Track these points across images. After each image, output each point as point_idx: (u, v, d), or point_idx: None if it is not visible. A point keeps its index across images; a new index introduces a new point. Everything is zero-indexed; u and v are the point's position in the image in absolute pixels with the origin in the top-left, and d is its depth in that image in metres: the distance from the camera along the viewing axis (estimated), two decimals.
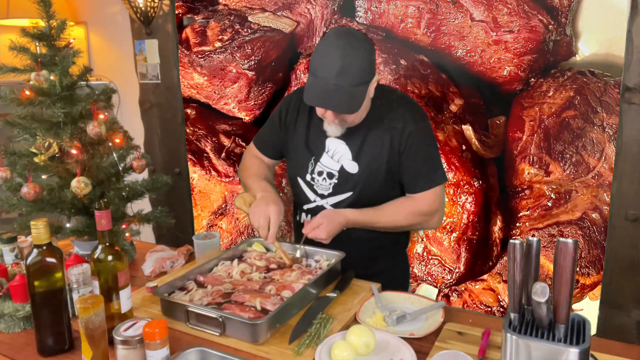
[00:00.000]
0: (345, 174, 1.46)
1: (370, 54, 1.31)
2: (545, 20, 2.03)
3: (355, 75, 1.26)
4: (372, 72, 1.32)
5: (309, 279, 1.29)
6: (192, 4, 2.85)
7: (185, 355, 1.01)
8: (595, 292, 2.10)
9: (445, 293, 2.42)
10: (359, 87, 1.28)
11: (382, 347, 1.05)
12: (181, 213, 3.07)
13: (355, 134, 1.45)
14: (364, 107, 1.39)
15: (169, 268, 1.53)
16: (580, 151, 2.05)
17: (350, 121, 1.40)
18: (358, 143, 1.45)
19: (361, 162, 1.45)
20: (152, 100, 3.12)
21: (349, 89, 1.26)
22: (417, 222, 1.49)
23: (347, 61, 1.24)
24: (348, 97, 1.27)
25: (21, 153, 1.58)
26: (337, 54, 1.24)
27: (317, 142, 1.50)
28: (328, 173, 1.48)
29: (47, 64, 1.59)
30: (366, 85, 1.31)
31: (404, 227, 1.51)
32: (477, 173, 2.26)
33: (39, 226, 1.07)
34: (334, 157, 1.48)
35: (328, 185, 1.49)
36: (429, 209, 1.47)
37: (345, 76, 1.24)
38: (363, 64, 1.27)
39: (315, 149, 1.50)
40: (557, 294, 0.84)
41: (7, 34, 2.00)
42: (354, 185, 1.46)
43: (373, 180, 1.45)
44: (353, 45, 1.26)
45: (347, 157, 1.46)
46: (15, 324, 1.20)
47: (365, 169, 1.45)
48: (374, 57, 1.33)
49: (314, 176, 1.51)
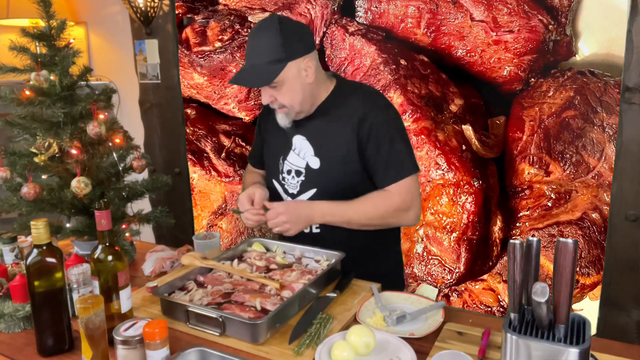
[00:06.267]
0: (310, 170, 1.47)
1: (281, 33, 1.33)
2: (545, 20, 2.03)
3: (264, 54, 1.33)
4: (288, 52, 1.34)
5: (309, 279, 1.29)
6: (192, 4, 2.85)
7: (185, 355, 1.01)
8: (595, 292, 2.10)
9: (445, 293, 2.42)
10: (272, 65, 1.34)
11: (382, 347, 1.05)
12: (181, 213, 3.07)
13: (315, 128, 1.47)
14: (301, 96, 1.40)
15: (169, 268, 1.53)
16: (580, 151, 2.05)
17: (289, 105, 1.41)
18: (318, 138, 1.46)
19: (322, 156, 1.46)
20: (152, 100, 3.12)
21: (261, 67, 1.34)
22: (391, 216, 1.43)
23: (255, 42, 1.35)
24: (258, 74, 1.35)
25: (21, 153, 1.58)
26: (249, 39, 1.37)
27: (284, 142, 1.53)
28: (296, 171, 1.50)
29: (47, 64, 1.59)
30: (281, 63, 1.34)
31: (378, 223, 1.44)
32: (477, 173, 2.26)
33: (39, 226, 1.07)
34: (300, 155, 1.49)
35: (296, 183, 1.50)
36: (401, 203, 1.41)
37: (255, 56, 1.35)
38: (271, 43, 1.33)
39: (283, 149, 1.53)
40: (557, 294, 0.84)
41: (7, 34, 2.00)
42: (317, 181, 1.47)
43: (335, 174, 1.44)
44: (261, 26, 1.35)
45: (310, 153, 1.47)
46: (15, 324, 1.20)
47: (326, 164, 1.45)
48: (290, 37, 1.34)
49: (284, 175, 1.53)
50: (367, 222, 1.43)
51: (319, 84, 1.44)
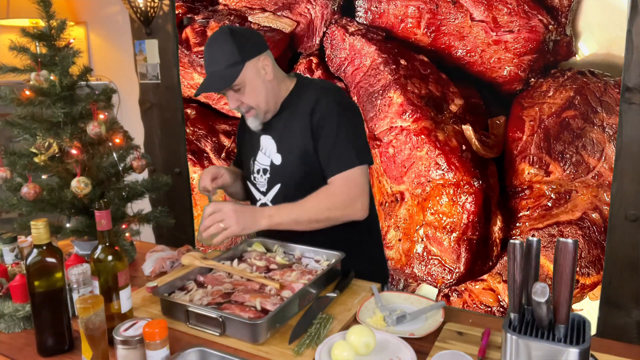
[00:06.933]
0: (274, 167, 1.52)
1: (233, 39, 1.41)
2: (545, 20, 2.03)
3: (222, 60, 1.41)
4: (243, 53, 1.41)
5: (309, 279, 1.29)
6: (192, 4, 2.85)
7: (185, 355, 1.01)
8: (595, 292, 2.10)
9: (445, 293, 2.42)
10: (231, 68, 1.41)
11: (382, 347, 1.05)
12: (181, 213, 3.07)
13: (277, 126, 1.51)
14: (264, 93, 1.45)
15: (169, 268, 1.53)
16: (580, 151, 2.05)
17: (255, 105, 1.45)
18: (279, 134, 1.51)
19: (283, 152, 1.50)
20: (152, 100, 3.12)
21: (221, 72, 1.41)
22: (336, 209, 1.39)
23: (211, 52, 1.43)
24: (220, 77, 1.42)
25: (21, 153, 1.58)
26: (205, 51, 1.45)
27: (254, 144, 1.58)
28: (263, 169, 1.55)
29: (47, 64, 1.59)
30: (238, 65, 1.40)
31: (325, 218, 1.39)
32: (477, 173, 2.26)
33: (39, 226, 1.07)
34: (266, 153, 1.54)
35: (264, 181, 1.55)
36: (344, 195, 1.39)
37: (213, 64, 1.43)
38: (225, 50, 1.41)
39: (252, 150, 1.59)
40: (557, 294, 0.84)
41: (7, 34, 2.00)
42: (281, 177, 1.51)
43: (294, 167, 1.48)
44: (215, 38, 1.43)
45: (273, 151, 1.52)
46: (15, 324, 1.20)
47: (286, 159, 1.50)
48: (241, 41, 1.42)
49: (255, 175, 1.58)
50: (314, 218, 1.39)
51: (279, 82, 1.50)
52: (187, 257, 1.41)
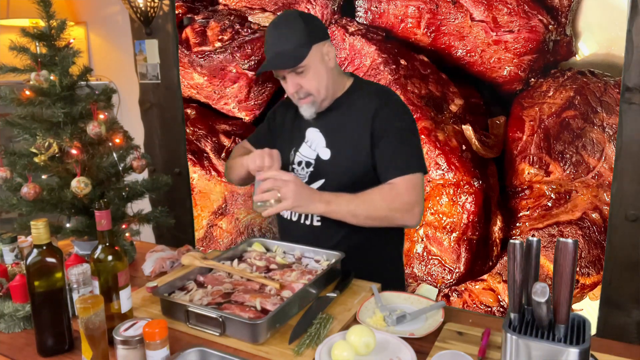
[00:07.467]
0: (320, 162, 1.50)
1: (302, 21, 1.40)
2: (545, 20, 2.03)
3: (289, 41, 1.40)
4: (311, 36, 1.40)
5: (309, 279, 1.29)
6: (192, 4, 2.85)
7: (185, 355, 1.01)
8: (595, 292, 2.10)
9: (445, 293, 2.42)
10: (298, 49, 1.40)
11: (382, 347, 1.05)
12: (181, 213, 3.07)
13: (330, 121, 1.50)
14: (326, 80, 1.44)
15: (169, 268, 1.53)
16: (580, 151, 2.05)
17: (315, 91, 1.44)
18: (331, 130, 1.50)
19: (333, 148, 1.49)
20: (152, 100, 3.12)
21: (288, 52, 1.40)
22: (397, 210, 1.37)
23: (278, 32, 1.41)
24: (287, 57, 1.40)
25: (21, 153, 1.58)
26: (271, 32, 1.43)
27: (298, 134, 1.57)
28: (306, 162, 1.53)
29: (47, 64, 1.59)
30: (306, 46, 1.39)
31: (384, 216, 1.38)
32: (477, 173, 2.26)
33: (39, 226, 1.07)
34: (312, 146, 1.53)
35: (305, 175, 1.52)
36: (407, 197, 1.36)
37: (279, 44, 1.41)
38: (294, 31, 1.40)
39: (296, 141, 1.57)
40: (557, 294, 0.84)
41: (7, 34, 2.00)
42: (325, 172, 1.49)
43: (344, 165, 1.46)
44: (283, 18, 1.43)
45: (321, 145, 1.51)
46: (15, 324, 1.20)
47: (336, 155, 1.48)
48: (310, 24, 1.42)
49: (294, 167, 1.56)
50: (372, 214, 1.37)
51: (338, 74, 1.50)
52: (187, 257, 1.41)
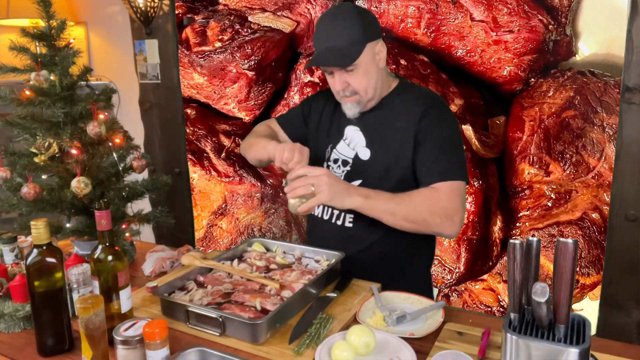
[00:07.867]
0: (358, 161, 1.46)
1: (359, 17, 1.36)
2: (545, 20, 2.03)
3: (344, 36, 1.34)
4: (367, 33, 1.35)
5: (309, 279, 1.29)
6: (192, 4, 2.85)
7: (185, 355, 1.01)
8: (595, 292, 2.10)
9: (445, 293, 2.42)
10: (353, 46, 1.35)
11: (382, 347, 1.05)
12: (181, 213, 3.07)
13: (372, 121, 1.46)
14: (375, 80, 1.39)
15: (169, 268, 1.53)
16: (580, 151, 2.05)
17: (363, 90, 1.39)
18: (373, 130, 1.45)
19: (373, 148, 1.44)
20: (152, 100, 3.12)
21: (342, 49, 1.35)
22: (438, 215, 1.30)
23: (333, 25, 1.36)
24: (341, 54, 1.35)
25: (21, 153, 1.58)
26: (323, 23, 1.38)
27: (336, 131, 1.52)
28: (343, 160, 1.48)
29: (47, 64, 1.59)
30: (361, 44, 1.35)
31: (423, 219, 1.30)
32: (477, 173, 2.26)
33: (39, 226, 1.07)
34: (350, 145, 1.48)
35: (341, 173, 1.48)
36: (448, 202, 1.30)
37: (333, 39, 1.35)
38: (350, 26, 1.34)
39: (334, 137, 1.52)
40: (557, 294, 0.84)
41: (7, 34, 2.00)
42: (364, 172, 1.44)
43: (383, 167, 1.41)
44: (337, 12, 1.38)
45: (361, 144, 1.46)
46: (15, 324, 1.20)
47: (376, 156, 1.43)
48: (366, 21, 1.37)
49: (330, 164, 1.51)
50: (411, 216, 1.30)
51: (386, 75, 1.46)
52: (187, 257, 1.41)
